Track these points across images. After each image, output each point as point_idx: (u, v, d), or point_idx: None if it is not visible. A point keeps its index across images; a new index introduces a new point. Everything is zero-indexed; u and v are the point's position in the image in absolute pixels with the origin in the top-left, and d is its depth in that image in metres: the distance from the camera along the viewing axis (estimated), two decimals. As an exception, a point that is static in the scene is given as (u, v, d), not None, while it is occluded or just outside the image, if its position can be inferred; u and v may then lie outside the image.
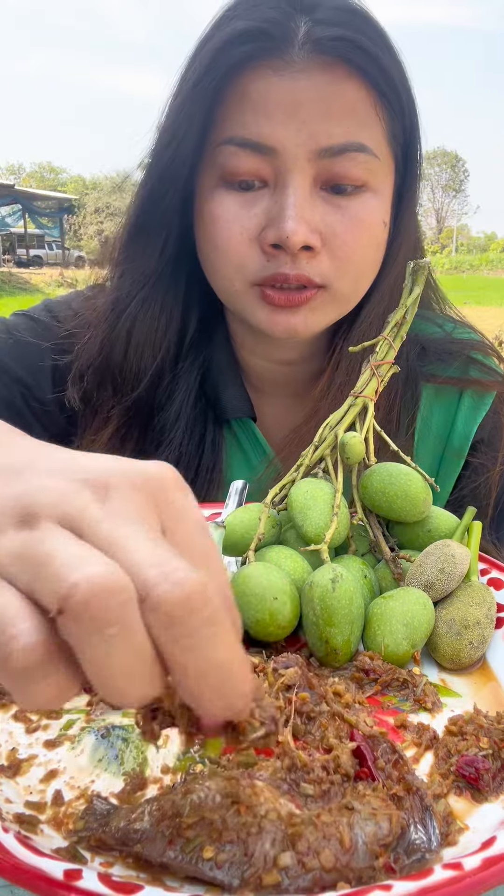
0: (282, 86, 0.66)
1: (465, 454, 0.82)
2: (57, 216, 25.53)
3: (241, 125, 0.67)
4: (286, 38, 0.66)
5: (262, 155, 0.67)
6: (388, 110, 0.70)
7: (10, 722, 0.45)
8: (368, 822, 0.34)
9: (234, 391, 0.83)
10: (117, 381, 0.80)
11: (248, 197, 0.69)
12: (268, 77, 0.66)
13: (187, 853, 0.33)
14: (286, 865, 0.32)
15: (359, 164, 0.68)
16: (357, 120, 0.68)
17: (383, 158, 0.71)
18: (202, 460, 0.81)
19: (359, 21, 0.68)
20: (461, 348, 0.83)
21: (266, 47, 0.66)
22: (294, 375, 0.84)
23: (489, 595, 0.53)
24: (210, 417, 0.83)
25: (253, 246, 0.70)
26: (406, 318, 0.61)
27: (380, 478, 0.57)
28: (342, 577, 0.50)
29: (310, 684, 0.44)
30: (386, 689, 0.48)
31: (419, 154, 0.76)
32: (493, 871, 0.31)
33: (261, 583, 0.50)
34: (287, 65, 0.66)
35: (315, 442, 0.61)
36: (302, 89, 0.66)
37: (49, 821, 0.37)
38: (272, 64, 0.66)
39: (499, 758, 0.40)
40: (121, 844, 0.34)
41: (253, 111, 0.67)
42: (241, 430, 0.84)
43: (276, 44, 0.66)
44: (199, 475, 0.81)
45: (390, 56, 0.69)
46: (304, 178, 0.67)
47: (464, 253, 49.52)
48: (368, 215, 0.70)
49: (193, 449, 0.81)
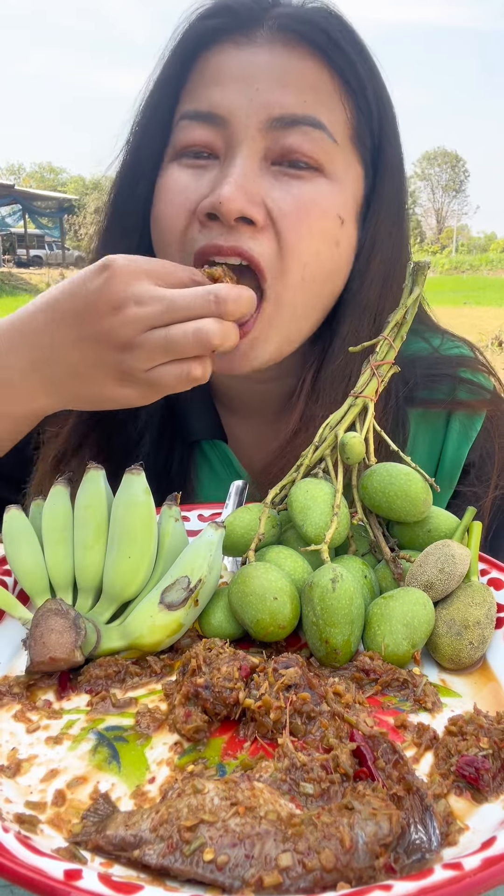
0: (240, 58, 0.65)
1: (456, 482, 0.77)
2: (57, 216, 25.53)
3: (196, 98, 0.66)
4: (252, 16, 0.66)
5: (213, 125, 0.65)
6: (354, 102, 0.67)
7: (11, 722, 0.45)
8: (368, 822, 0.34)
9: (202, 412, 0.80)
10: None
11: (198, 170, 0.66)
12: (228, 51, 0.66)
13: (187, 856, 0.33)
14: (287, 866, 0.32)
15: (312, 141, 0.64)
16: (315, 96, 0.65)
17: (343, 147, 0.67)
18: (170, 478, 0.79)
19: (328, 16, 0.67)
20: (448, 367, 0.78)
21: (230, 23, 0.66)
22: (267, 395, 0.80)
23: (489, 595, 0.53)
24: (177, 438, 0.80)
25: (191, 218, 0.66)
26: (406, 319, 0.61)
27: (380, 478, 0.57)
28: (342, 577, 0.50)
29: (310, 684, 0.44)
30: (386, 689, 0.48)
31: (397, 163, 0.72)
32: (493, 871, 0.31)
33: (261, 583, 0.50)
34: (250, 41, 0.66)
35: (315, 442, 0.61)
36: (259, 60, 0.65)
37: (49, 821, 0.37)
38: (235, 39, 0.66)
39: (499, 758, 0.40)
40: (119, 850, 0.34)
41: (210, 84, 0.65)
42: (211, 451, 0.81)
43: (241, 20, 0.66)
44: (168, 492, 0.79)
45: (360, 54, 0.68)
46: (254, 149, 0.64)
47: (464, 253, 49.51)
48: (320, 200, 0.65)
49: (160, 466, 0.78)
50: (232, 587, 0.52)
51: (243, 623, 0.51)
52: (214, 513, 0.72)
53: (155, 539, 0.55)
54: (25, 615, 0.53)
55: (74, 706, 0.47)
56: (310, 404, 0.72)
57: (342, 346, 0.71)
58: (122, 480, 0.55)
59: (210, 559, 0.52)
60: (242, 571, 0.52)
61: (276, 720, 0.42)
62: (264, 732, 0.43)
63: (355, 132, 0.69)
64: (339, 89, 0.67)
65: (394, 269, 0.73)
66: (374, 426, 0.60)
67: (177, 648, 0.53)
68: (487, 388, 0.78)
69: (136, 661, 0.51)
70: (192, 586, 0.51)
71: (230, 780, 0.36)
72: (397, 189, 0.73)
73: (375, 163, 0.72)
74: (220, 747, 0.43)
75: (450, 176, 56.71)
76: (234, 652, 0.46)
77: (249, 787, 0.36)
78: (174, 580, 0.52)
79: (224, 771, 0.41)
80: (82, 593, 0.55)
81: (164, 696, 0.47)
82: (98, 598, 0.54)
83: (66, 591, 0.55)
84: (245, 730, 0.44)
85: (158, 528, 0.57)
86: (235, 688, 0.44)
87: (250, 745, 0.43)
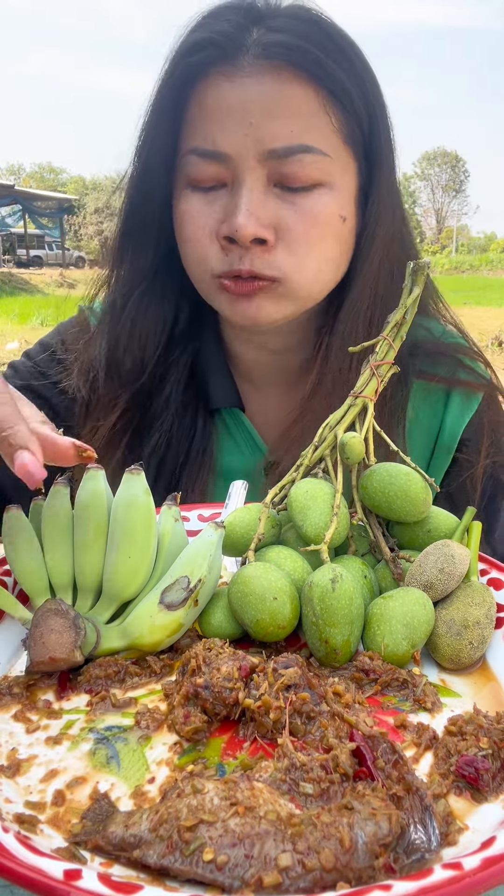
0: (232, 91, 0.70)
1: (454, 450, 0.85)
2: (57, 216, 25.53)
3: (200, 135, 0.73)
4: (236, 46, 0.70)
5: (218, 162, 0.72)
6: (341, 110, 0.72)
7: (11, 722, 0.45)
8: (368, 822, 0.34)
9: (222, 381, 0.87)
10: (123, 372, 0.85)
11: (210, 196, 0.74)
12: (220, 84, 0.71)
13: (187, 856, 0.33)
14: (286, 866, 0.32)
15: (306, 165, 0.71)
16: (303, 122, 0.71)
17: (337, 156, 0.73)
18: (192, 445, 0.86)
19: (309, 27, 0.71)
20: (449, 351, 0.86)
21: (216, 55, 0.71)
22: (283, 365, 0.87)
23: (489, 595, 0.53)
24: (200, 406, 0.87)
25: (213, 241, 0.74)
26: (406, 318, 0.61)
27: (380, 478, 0.57)
28: (342, 577, 0.50)
29: (310, 684, 0.44)
30: (386, 689, 0.48)
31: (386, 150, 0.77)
32: (492, 870, 0.31)
33: (261, 583, 0.50)
34: (237, 70, 0.70)
35: (315, 442, 0.61)
36: (249, 93, 0.70)
37: (49, 821, 0.37)
38: (224, 71, 0.71)
39: (498, 758, 0.40)
40: (118, 850, 0.34)
41: (210, 119, 0.72)
42: (230, 419, 0.88)
43: (225, 52, 0.71)
44: (189, 459, 0.85)
45: (342, 58, 0.72)
46: (256, 178, 0.71)
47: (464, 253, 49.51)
48: (322, 209, 0.73)
49: (184, 434, 0.86)
50: (232, 587, 0.52)
51: (243, 623, 0.51)
52: (214, 513, 0.73)
53: (155, 539, 0.55)
54: (25, 615, 0.53)
55: (74, 706, 0.47)
56: (323, 368, 0.80)
57: (349, 311, 0.79)
58: (122, 480, 0.55)
59: (210, 559, 0.52)
60: (242, 571, 0.52)
61: (276, 720, 0.42)
62: (264, 732, 0.43)
63: (346, 134, 0.74)
64: (324, 102, 0.72)
65: (393, 243, 0.80)
66: (374, 426, 0.60)
67: (177, 648, 0.53)
68: (484, 376, 0.87)
69: (136, 661, 0.51)
70: (191, 586, 0.51)
71: (230, 780, 0.36)
72: (390, 171, 0.79)
73: (368, 149, 0.77)
74: (220, 747, 0.43)
75: (450, 176, 56.69)
76: (234, 652, 0.46)
77: (249, 787, 0.36)
78: (174, 580, 0.52)
79: (224, 771, 0.41)
80: (82, 593, 0.55)
81: (164, 696, 0.47)
82: (98, 598, 0.54)
83: (66, 592, 0.55)
84: (245, 730, 0.44)
85: (158, 528, 0.57)
86: (235, 688, 0.44)
87: (250, 745, 0.43)
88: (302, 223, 0.72)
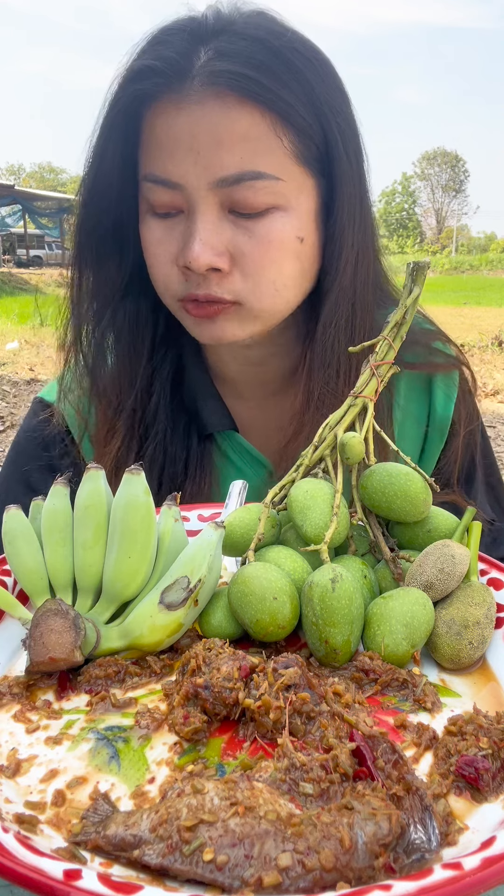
0: (179, 120, 0.69)
1: (447, 433, 0.88)
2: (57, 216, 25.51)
3: (152, 162, 0.72)
4: (181, 73, 0.69)
5: (172, 189, 0.71)
6: (292, 131, 0.71)
7: (11, 722, 0.45)
8: (368, 821, 0.34)
9: (211, 404, 0.86)
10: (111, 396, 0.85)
11: (169, 222, 0.74)
12: (168, 112, 0.70)
13: (187, 856, 0.33)
14: (286, 866, 0.32)
15: (258, 191, 0.70)
16: (251, 147, 0.69)
17: (290, 178, 0.72)
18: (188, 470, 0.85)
19: (256, 47, 0.69)
20: (423, 338, 0.87)
21: (161, 83, 0.69)
22: (267, 375, 0.88)
23: (489, 595, 0.53)
24: (193, 430, 0.86)
25: (173, 266, 0.75)
26: (406, 318, 0.61)
27: (379, 478, 0.57)
28: (342, 577, 0.50)
29: (310, 684, 0.44)
30: (386, 689, 0.48)
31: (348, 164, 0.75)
32: (492, 870, 0.31)
33: (261, 583, 0.50)
34: (185, 97, 0.69)
35: (315, 442, 0.61)
36: (197, 122, 0.69)
37: (49, 821, 0.37)
38: (172, 98, 0.69)
39: (498, 758, 0.40)
40: (118, 850, 0.34)
41: (159, 148, 0.71)
42: (225, 442, 0.87)
43: (171, 80, 0.69)
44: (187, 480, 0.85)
45: (291, 78, 0.70)
46: (209, 206, 0.71)
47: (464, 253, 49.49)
48: (277, 233, 0.72)
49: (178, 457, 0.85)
50: (232, 587, 0.52)
51: (243, 623, 0.51)
52: (214, 513, 0.73)
53: (155, 539, 0.55)
54: (25, 615, 0.53)
55: (74, 706, 0.47)
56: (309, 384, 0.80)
57: (326, 325, 0.79)
58: (122, 480, 0.55)
59: (210, 559, 0.52)
60: (242, 571, 0.52)
61: (276, 720, 0.42)
62: (264, 732, 0.43)
63: (300, 154, 0.72)
64: (273, 124, 0.70)
65: (363, 251, 0.79)
66: (374, 426, 0.60)
67: (177, 648, 0.53)
68: (454, 356, 0.90)
69: (136, 661, 0.51)
70: (191, 586, 0.51)
71: (230, 780, 0.36)
72: (355, 182, 0.77)
73: (327, 162, 0.75)
74: (220, 747, 0.43)
75: (450, 176, 56.68)
76: (234, 652, 0.46)
77: (249, 787, 0.36)
78: (174, 580, 0.52)
79: (224, 771, 0.41)
80: (82, 593, 0.55)
81: (164, 696, 0.47)
82: (98, 598, 0.54)
83: (66, 591, 0.55)
84: (245, 730, 0.44)
85: (158, 528, 0.57)
86: (235, 688, 0.44)
87: (250, 745, 0.43)
88: (257, 248, 0.72)
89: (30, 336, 8.24)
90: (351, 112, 0.76)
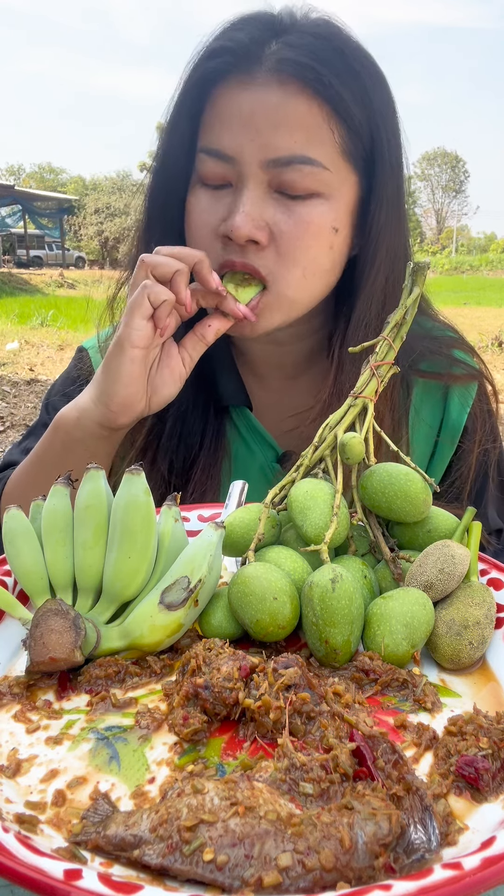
0: (243, 98, 0.75)
1: (457, 441, 0.90)
2: (57, 217, 25.53)
3: (211, 135, 0.77)
4: (251, 56, 0.75)
5: (224, 162, 0.77)
6: (344, 126, 0.76)
7: (11, 722, 0.45)
8: (368, 821, 0.34)
9: (229, 378, 0.91)
10: None
11: (218, 194, 0.79)
12: (234, 90, 0.76)
13: (187, 856, 0.33)
14: (286, 866, 0.32)
15: (305, 175, 0.75)
16: (305, 134, 0.75)
17: (336, 169, 0.77)
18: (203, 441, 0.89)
19: (323, 45, 0.75)
20: (442, 346, 0.91)
21: (232, 63, 0.76)
22: (288, 357, 0.92)
23: (489, 595, 0.53)
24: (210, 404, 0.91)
25: (215, 238, 0.79)
26: (406, 319, 0.61)
27: (379, 478, 0.57)
28: (342, 577, 0.50)
29: (309, 684, 0.44)
30: (386, 689, 0.48)
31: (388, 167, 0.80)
32: (492, 870, 0.31)
33: (261, 583, 0.50)
34: (251, 79, 0.75)
35: (315, 442, 0.61)
36: (259, 102, 0.74)
37: (49, 821, 0.37)
38: (240, 78, 0.76)
39: (498, 758, 0.40)
40: (118, 850, 0.34)
41: (220, 122, 0.77)
42: (239, 418, 0.92)
43: (241, 61, 0.75)
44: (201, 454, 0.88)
45: (350, 78, 0.75)
46: (258, 182, 0.76)
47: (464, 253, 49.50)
48: (316, 218, 0.77)
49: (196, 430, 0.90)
50: (232, 587, 0.52)
51: (243, 623, 0.51)
52: (214, 513, 0.73)
53: (155, 539, 0.55)
54: (25, 615, 0.53)
55: (74, 706, 0.47)
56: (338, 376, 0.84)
57: (358, 323, 0.83)
58: (122, 480, 0.55)
59: (210, 559, 0.52)
60: (242, 572, 0.52)
61: (276, 720, 0.42)
62: (264, 732, 0.43)
63: (347, 149, 0.77)
64: (328, 117, 0.75)
65: (396, 255, 0.83)
66: (374, 426, 0.60)
67: (177, 648, 0.53)
68: (476, 368, 0.93)
69: (136, 662, 0.51)
70: (191, 586, 0.51)
71: (230, 780, 0.36)
72: (394, 188, 0.82)
73: (370, 163, 0.80)
74: (220, 747, 0.43)
75: (450, 176, 56.69)
76: (234, 652, 0.46)
77: (249, 787, 0.36)
78: (174, 580, 0.52)
79: (224, 771, 0.41)
80: (82, 593, 0.55)
81: (164, 696, 0.47)
82: (98, 599, 0.54)
83: (66, 592, 0.55)
84: (245, 730, 0.44)
85: (158, 528, 0.57)
86: (235, 688, 0.44)
87: (250, 745, 0.43)
88: (295, 229, 0.76)
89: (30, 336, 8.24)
90: (397, 123, 0.81)
